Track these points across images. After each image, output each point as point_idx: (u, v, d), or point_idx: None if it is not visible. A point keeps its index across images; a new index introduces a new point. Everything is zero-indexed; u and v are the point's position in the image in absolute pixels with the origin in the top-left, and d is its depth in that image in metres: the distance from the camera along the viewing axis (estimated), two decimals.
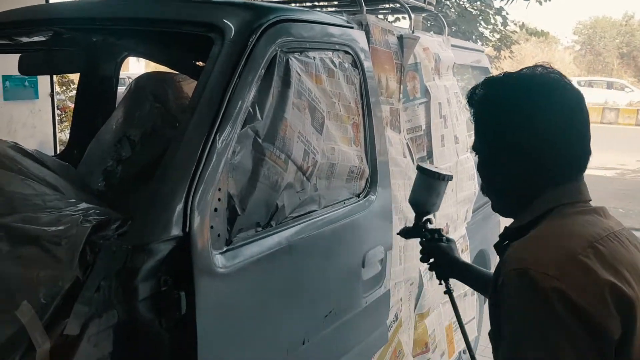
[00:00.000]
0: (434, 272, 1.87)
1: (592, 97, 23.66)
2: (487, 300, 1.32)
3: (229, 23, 1.64)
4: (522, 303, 1.08)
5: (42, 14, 2.08)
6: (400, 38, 2.49)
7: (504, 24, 11.05)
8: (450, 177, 1.86)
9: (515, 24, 11.53)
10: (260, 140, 1.61)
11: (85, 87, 2.79)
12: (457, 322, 3.05)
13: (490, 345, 1.31)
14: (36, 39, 1.98)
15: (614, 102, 22.86)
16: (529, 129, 1.20)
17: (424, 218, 1.88)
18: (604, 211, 1.24)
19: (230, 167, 1.52)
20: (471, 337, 3.35)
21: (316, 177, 1.84)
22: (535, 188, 1.23)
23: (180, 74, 2.59)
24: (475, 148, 1.36)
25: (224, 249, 1.47)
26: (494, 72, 2.47)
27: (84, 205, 1.55)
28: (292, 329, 1.74)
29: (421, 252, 1.86)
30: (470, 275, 1.79)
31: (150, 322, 1.31)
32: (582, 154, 1.25)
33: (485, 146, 1.31)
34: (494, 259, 4.29)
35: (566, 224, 1.18)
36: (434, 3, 3.20)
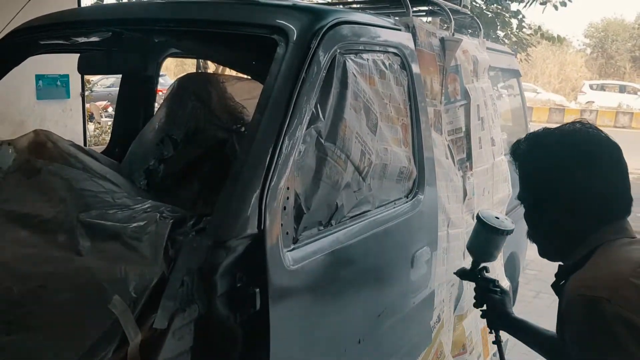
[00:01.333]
0: None
1: (605, 101, 23.59)
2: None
3: (291, 26, 1.67)
4: (585, 326, 1.21)
5: (102, 14, 2.12)
6: (442, 40, 2.52)
7: (520, 27, 11.04)
8: (510, 232, 1.83)
9: (530, 28, 11.52)
10: (322, 140, 1.64)
11: (128, 86, 2.83)
12: None
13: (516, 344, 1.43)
14: (93, 39, 2.01)
15: (627, 105, 22.74)
16: (571, 183, 1.34)
17: (481, 265, 1.88)
18: None
19: (297, 167, 1.55)
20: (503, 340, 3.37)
21: (370, 177, 1.87)
22: (586, 229, 1.35)
23: (222, 74, 2.63)
24: (520, 197, 1.50)
25: (292, 247, 1.50)
26: None
27: (151, 202, 1.58)
28: (350, 327, 1.77)
29: (475, 297, 1.89)
30: (521, 332, 1.78)
31: (227, 317, 1.34)
32: (626, 198, 1.37)
33: (530, 196, 1.46)
34: (523, 261, 4.30)
35: (616, 252, 1.30)
36: (469, 6, 3.22)
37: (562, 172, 1.36)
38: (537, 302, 5.41)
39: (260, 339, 1.38)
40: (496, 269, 3.10)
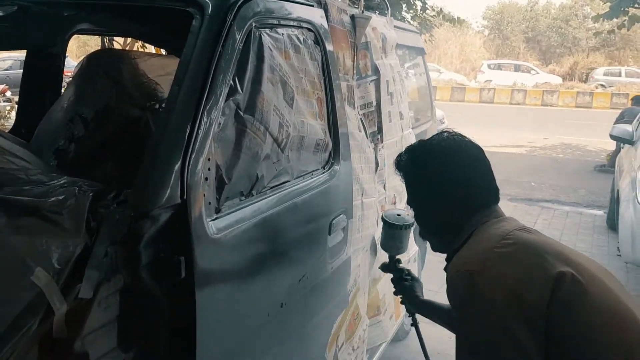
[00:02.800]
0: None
1: (502, 80, 25.02)
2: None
3: None
4: (463, 296, 1.42)
5: None
6: (353, 18, 2.61)
7: (423, 8, 11.45)
8: (409, 225, 2.08)
9: (433, 10, 11.99)
10: (241, 113, 1.68)
11: (33, 63, 2.70)
12: None
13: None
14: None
15: (521, 84, 24.26)
16: (445, 180, 1.59)
17: (395, 258, 2.14)
18: (513, 218, 1.60)
19: (217, 139, 1.58)
20: None
21: (289, 148, 1.93)
22: (460, 218, 1.58)
23: (134, 51, 2.57)
24: (408, 202, 1.75)
25: (214, 216, 1.54)
26: None
27: (67, 178, 1.56)
28: (272, 292, 1.84)
29: (394, 287, 2.14)
30: (430, 312, 2.05)
31: (152, 286, 1.36)
32: (490, 188, 1.62)
33: (415, 199, 1.71)
34: None
35: (486, 232, 1.52)
36: None
37: (434, 175, 1.61)
38: (441, 266, 5.77)
39: (187, 307, 1.42)
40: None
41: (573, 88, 23.41)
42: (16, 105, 12.48)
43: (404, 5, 10.45)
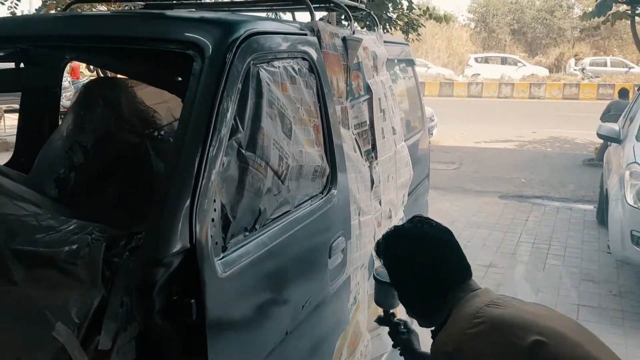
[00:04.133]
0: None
1: (489, 73, 25.18)
2: None
3: (206, 40, 1.72)
4: None
5: (10, 30, 2.02)
6: (345, 40, 2.66)
7: (410, 8, 11.50)
8: None
9: (419, 9, 12.05)
10: (243, 151, 1.73)
11: (31, 92, 2.73)
12: None
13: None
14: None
15: (509, 77, 24.43)
16: (418, 265, 1.74)
17: (390, 312, 2.19)
18: (487, 290, 1.72)
19: (221, 179, 1.63)
20: None
21: (288, 179, 1.99)
22: (438, 298, 1.71)
23: (130, 79, 2.61)
24: (392, 284, 1.87)
25: (221, 255, 1.59)
26: None
27: (76, 222, 1.60)
28: (278, 321, 1.89)
29: (391, 340, 2.21)
30: None
31: (165, 329, 1.42)
32: (460, 267, 1.76)
33: (396, 281, 1.84)
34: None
35: (462, 310, 1.63)
36: (365, 1, 3.38)
37: (408, 261, 1.77)
38: None
39: (198, 345, 1.47)
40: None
41: (560, 80, 23.61)
42: (4, 114, 12.36)
43: (389, 5, 10.50)
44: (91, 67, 3.03)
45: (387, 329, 2.97)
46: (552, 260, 6.21)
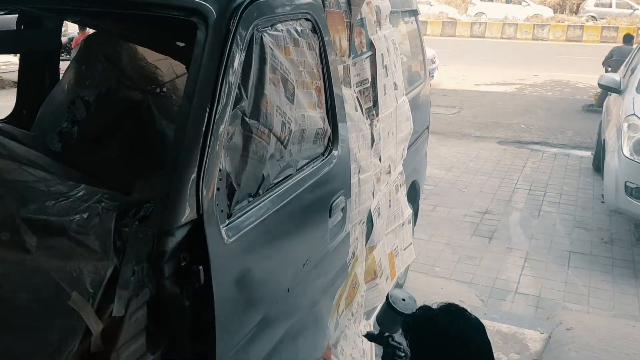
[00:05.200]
0: (380, 209, 2.12)
1: (493, 12, 24.60)
2: None
3: (210, 7, 1.71)
4: None
5: None
6: None
7: None
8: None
9: None
10: (247, 119, 1.76)
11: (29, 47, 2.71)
12: (397, 249, 3.45)
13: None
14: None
15: (513, 17, 23.88)
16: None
17: (386, 334, 2.08)
18: None
19: (226, 147, 1.67)
20: (409, 261, 3.77)
21: (291, 143, 2.02)
22: None
23: None
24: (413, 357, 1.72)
25: (227, 222, 1.65)
26: None
27: (85, 187, 1.64)
28: (280, 279, 1.98)
29: None
30: None
31: (175, 294, 1.49)
32: None
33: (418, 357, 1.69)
34: (422, 187, 4.70)
35: None
36: None
37: (439, 351, 1.62)
38: (434, 214, 5.98)
39: (206, 307, 1.55)
40: (400, 199, 3.42)
41: (564, 21, 23.09)
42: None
43: None
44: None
45: (382, 285, 3.06)
46: (547, 207, 6.33)
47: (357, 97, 2.70)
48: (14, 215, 1.45)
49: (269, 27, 1.93)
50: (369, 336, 2.14)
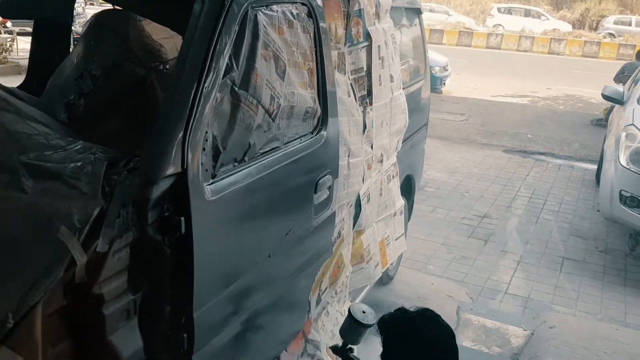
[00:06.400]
0: (370, 195, 2.23)
1: (511, 25, 24.63)
2: None
3: None
4: None
5: None
6: None
7: None
8: (369, 326, 2.05)
9: None
10: (236, 89, 1.88)
11: (42, 19, 2.87)
12: (389, 238, 3.55)
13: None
14: None
15: (530, 30, 23.90)
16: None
17: (349, 346, 2.14)
18: None
19: (214, 113, 1.80)
20: (400, 251, 3.88)
21: (279, 118, 2.15)
22: None
23: None
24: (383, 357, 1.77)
25: (210, 181, 1.78)
26: None
27: (82, 143, 1.78)
28: (262, 245, 2.10)
29: None
30: None
31: (157, 241, 1.62)
32: None
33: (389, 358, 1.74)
34: (419, 183, 4.80)
35: None
36: None
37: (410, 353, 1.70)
38: (433, 215, 6.07)
39: (186, 258, 1.68)
40: (392, 190, 3.53)
41: (581, 37, 23.07)
42: (17, 37, 12.42)
43: None
44: None
45: (369, 270, 3.15)
46: (545, 214, 6.40)
47: (350, 84, 2.82)
48: (13, 159, 1.59)
49: (264, 7, 2.06)
50: (333, 349, 2.19)
